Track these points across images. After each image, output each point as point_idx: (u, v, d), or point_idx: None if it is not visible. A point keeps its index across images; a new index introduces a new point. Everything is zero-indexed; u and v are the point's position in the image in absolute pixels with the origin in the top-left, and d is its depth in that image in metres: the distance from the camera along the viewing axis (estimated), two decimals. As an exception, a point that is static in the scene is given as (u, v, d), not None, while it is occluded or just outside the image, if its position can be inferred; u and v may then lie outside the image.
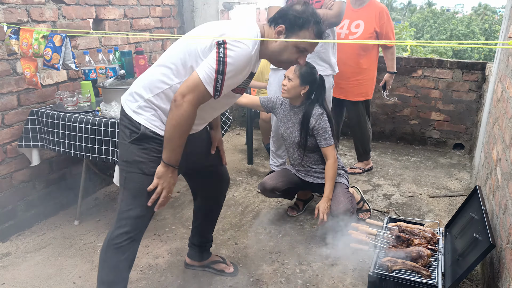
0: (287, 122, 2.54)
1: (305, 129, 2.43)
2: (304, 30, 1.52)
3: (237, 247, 2.40)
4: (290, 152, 2.61)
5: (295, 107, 2.49)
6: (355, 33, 3.12)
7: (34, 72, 2.27)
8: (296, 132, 2.49)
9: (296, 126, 2.49)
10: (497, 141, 2.30)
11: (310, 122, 2.41)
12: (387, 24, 3.11)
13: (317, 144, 2.46)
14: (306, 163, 2.56)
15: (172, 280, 2.10)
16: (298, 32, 1.52)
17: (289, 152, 2.63)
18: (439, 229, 2.18)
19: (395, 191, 3.17)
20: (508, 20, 2.85)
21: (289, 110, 2.53)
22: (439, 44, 2.54)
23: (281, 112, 2.59)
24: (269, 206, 2.89)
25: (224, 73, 1.42)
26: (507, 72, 2.36)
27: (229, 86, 1.49)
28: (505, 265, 1.57)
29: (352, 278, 2.13)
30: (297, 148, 2.53)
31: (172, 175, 1.56)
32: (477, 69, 3.80)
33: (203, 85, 1.44)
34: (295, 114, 2.49)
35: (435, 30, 29.76)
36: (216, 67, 1.42)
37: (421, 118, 4.10)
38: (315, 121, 2.40)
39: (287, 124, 2.54)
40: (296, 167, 2.63)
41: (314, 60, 2.75)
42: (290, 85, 2.37)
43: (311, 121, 2.41)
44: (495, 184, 2.09)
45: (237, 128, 4.67)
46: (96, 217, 2.72)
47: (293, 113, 2.51)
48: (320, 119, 2.40)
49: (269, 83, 2.97)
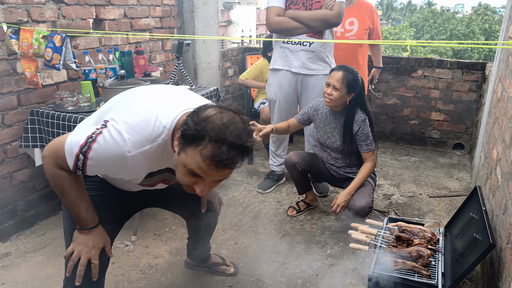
0: (325, 127, 2.48)
1: (349, 134, 2.39)
2: (194, 148, 1.05)
3: (237, 247, 2.40)
4: (325, 156, 2.58)
5: (336, 113, 2.43)
6: (350, 31, 3.20)
7: (35, 72, 2.27)
8: (337, 137, 2.44)
9: (336, 131, 2.44)
10: (497, 141, 2.30)
11: (353, 128, 2.37)
12: (377, 20, 3.30)
13: (356, 148, 2.44)
14: (340, 164, 2.55)
15: (172, 280, 2.10)
16: (187, 148, 1.07)
17: (323, 156, 2.60)
18: (439, 229, 2.18)
19: (395, 191, 3.17)
20: (508, 20, 2.85)
21: (328, 116, 2.46)
22: (439, 44, 2.54)
23: (317, 119, 2.52)
24: (269, 206, 2.89)
25: (85, 158, 1.13)
26: (507, 72, 2.36)
27: (109, 178, 1.30)
28: (505, 265, 1.57)
29: (352, 278, 2.13)
30: (335, 153, 2.51)
31: (90, 237, 1.29)
32: (477, 69, 3.80)
33: (63, 152, 1.15)
34: (336, 119, 2.44)
35: (435, 30, 29.76)
36: (83, 143, 1.13)
37: (421, 118, 4.10)
38: (358, 127, 2.36)
39: (325, 129, 2.49)
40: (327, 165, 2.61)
41: (314, 61, 2.75)
42: (337, 95, 2.29)
43: (354, 127, 2.36)
44: (495, 184, 2.09)
45: (237, 128, 4.66)
46: (96, 217, 2.72)
47: (333, 118, 2.45)
48: (363, 125, 2.36)
49: (268, 83, 2.96)
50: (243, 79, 3.61)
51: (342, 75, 2.27)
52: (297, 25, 2.66)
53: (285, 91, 2.86)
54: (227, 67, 4.30)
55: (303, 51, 2.72)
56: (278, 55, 2.82)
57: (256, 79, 3.61)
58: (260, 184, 3.14)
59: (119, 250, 2.35)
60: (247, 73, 3.62)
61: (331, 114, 2.45)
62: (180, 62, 2.95)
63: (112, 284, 2.06)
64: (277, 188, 3.18)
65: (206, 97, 2.89)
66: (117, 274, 2.15)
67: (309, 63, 2.75)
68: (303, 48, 2.71)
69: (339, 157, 2.52)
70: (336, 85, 2.28)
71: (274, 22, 2.69)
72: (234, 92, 4.52)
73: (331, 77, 2.31)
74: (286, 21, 2.65)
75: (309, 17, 2.64)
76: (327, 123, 2.47)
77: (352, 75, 2.29)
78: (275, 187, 3.17)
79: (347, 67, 2.33)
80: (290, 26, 2.66)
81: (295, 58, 2.75)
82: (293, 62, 2.76)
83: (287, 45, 2.74)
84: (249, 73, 3.60)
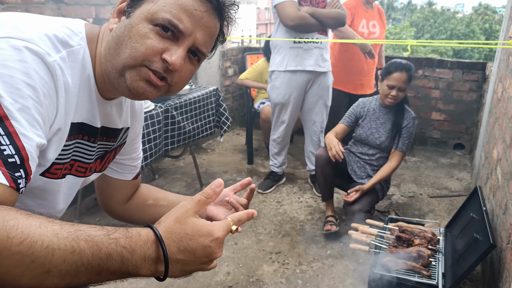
0: (371, 123, 2.45)
1: (396, 130, 2.39)
2: None
3: (237, 247, 2.40)
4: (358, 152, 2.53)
5: (387, 107, 2.42)
6: (374, 33, 3.30)
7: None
8: (382, 132, 2.42)
9: (383, 126, 2.42)
10: (497, 141, 2.29)
11: (403, 123, 2.38)
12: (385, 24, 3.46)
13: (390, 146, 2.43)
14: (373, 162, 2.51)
15: (172, 280, 2.10)
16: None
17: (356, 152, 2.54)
18: (440, 229, 2.18)
19: (396, 191, 3.17)
20: (508, 20, 2.85)
21: (377, 111, 2.45)
22: (440, 44, 2.56)
23: (365, 115, 2.48)
24: (269, 206, 2.89)
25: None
26: (508, 72, 2.35)
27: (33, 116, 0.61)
28: (506, 265, 1.57)
29: (352, 278, 2.12)
30: (374, 149, 2.48)
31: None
32: (477, 69, 3.79)
33: None
34: (385, 114, 2.42)
35: (435, 30, 29.76)
36: None
37: (422, 118, 4.10)
38: (407, 123, 2.38)
39: (370, 124, 2.45)
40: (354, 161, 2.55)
41: (323, 58, 2.80)
42: (403, 95, 2.31)
43: (404, 122, 2.38)
44: (496, 184, 2.09)
45: (237, 128, 4.66)
46: (96, 217, 2.72)
47: (382, 114, 2.44)
48: (413, 123, 2.39)
49: (274, 86, 2.85)
50: (242, 79, 3.61)
51: (407, 76, 2.26)
52: (315, 21, 2.64)
53: (297, 92, 2.84)
54: (227, 67, 4.29)
55: (316, 48, 2.75)
56: (290, 56, 2.75)
57: (256, 79, 3.60)
58: (260, 184, 3.14)
59: (119, 250, 2.34)
60: (246, 73, 3.62)
61: (381, 109, 2.43)
62: (180, 62, 2.94)
63: (112, 284, 2.06)
64: (277, 188, 3.17)
65: (206, 97, 2.89)
66: (117, 274, 2.14)
67: (320, 61, 2.78)
68: (316, 45, 2.73)
69: (376, 153, 2.48)
70: (402, 86, 2.28)
71: (297, 17, 2.58)
72: (234, 92, 4.52)
73: (395, 79, 2.27)
74: (307, 16, 2.62)
75: (326, 15, 2.65)
76: (374, 119, 2.45)
77: (412, 71, 2.29)
78: (275, 187, 3.16)
79: (404, 64, 2.29)
80: (311, 22, 2.63)
81: (309, 56, 2.74)
82: (307, 61, 2.75)
83: (299, 45, 2.71)
84: (249, 74, 3.59)
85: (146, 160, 2.34)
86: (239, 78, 3.64)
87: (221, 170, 3.52)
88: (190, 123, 2.73)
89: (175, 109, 2.57)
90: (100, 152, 0.86)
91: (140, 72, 0.69)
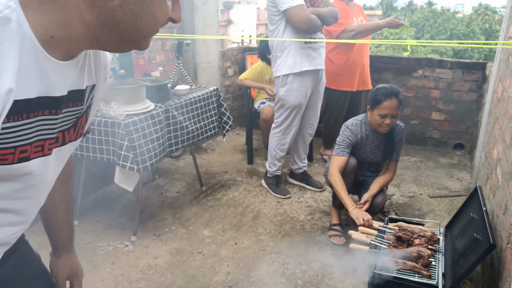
0: (365, 147, 2.46)
1: (390, 146, 2.44)
2: None
3: (237, 247, 2.40)
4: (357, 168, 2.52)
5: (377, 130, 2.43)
6: None
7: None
8: (377, 152, 2.47)
9: (378, 147, 2.46)
10: (497, 141, 2.29)
11: (395, 138, 2.43)
12: None
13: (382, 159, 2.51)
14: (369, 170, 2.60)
15: (172, 280, 2.10)
16: None
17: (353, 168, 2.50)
18: (440, 229, 2.18)
19: (396, 191, 3.17)
20: (508, 20, 2.85)
21: (369, 136, 2.43)
22: (440, 44, 2.56)
23: (358, 142, 2.44)
24: (269, 206, 2.89)
25: None
26: (508, 72, 2.35)
27: None
28: (506, 265, 1.57)
29: (352, 278, 2.12)
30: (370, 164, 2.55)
31: None
32: (477, 69, 3.79)
33: None
34: (378, 137, 2.44)
35: (435, 30, 29.75)
36: None
37: (422, 118, 4.10)
38: (399, 137, 2.44)
39: (365, 149, 2.46)
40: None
41: (323, 60, 2.87)
42: (396, 120, 2.31)
43: (397, 137, 2.44)
44: (496, 184, 2.09)
45: (237, 128, 4.66)
46: (96, 217, 2.72)
47: (375, 137, 2.44)
48: (404, 134, 2.46)
49: (291, 89, 2.80)
50: (242, 80, 3.60)
51: (397, 102, 2.25)
52: (320, 22, 2.72)
53: (310, 92, 2.91)
54: (227, 67, 4.29)
55: (322, 47, 2.85)
56: (302, 56, 2.74)
57: (256, 79, 3.60)
58: (279, 190, 3.05)
59: (118, 251, 2.34)
60: (246, 73, 3.61)
61: (373, 134, 2.43)
62: (180, 62, 2.94)
63: (112, 284, 2.06)
64: (277, 188, 3.17)
65: (206, 97, 2.88)
66: (117, 274, 2.14)
67: (323, 59, 2.88)
68: (321, 44, 2.83)
69: (373, 165, 2.57)
70: (395, 113, 2.27)
71: (309, 19, 2.64)
72: (234, 92, 4.52)
73: (386, 108, 2.23)
74: (316, 18, 2.68)
75: (328, 14, 2.72)
76: (369, 143, 2.45)
77: (400, 95, 2.28)
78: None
79: (392, 90, 2.26)
80: (318, 23, 2.71)
81: (318, 56, 2.81)
82: (317, 60, 2.81)
83: (309, 45, 2.76)
84: (249, 74, 3.59)
85: (151, 160, 2.32)
86: (239, 78, 3.64)
87: (221, 170, 3.52)
88: (192, 123, 2.72)
89: (175, 109, 2.57)
90: (71, 120, 0.75)
91: None
